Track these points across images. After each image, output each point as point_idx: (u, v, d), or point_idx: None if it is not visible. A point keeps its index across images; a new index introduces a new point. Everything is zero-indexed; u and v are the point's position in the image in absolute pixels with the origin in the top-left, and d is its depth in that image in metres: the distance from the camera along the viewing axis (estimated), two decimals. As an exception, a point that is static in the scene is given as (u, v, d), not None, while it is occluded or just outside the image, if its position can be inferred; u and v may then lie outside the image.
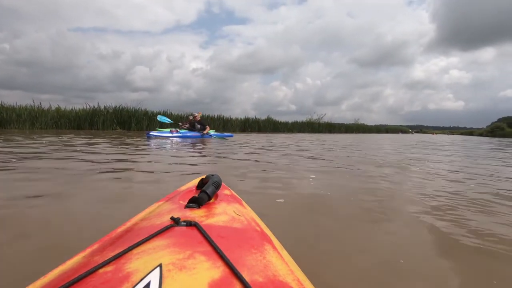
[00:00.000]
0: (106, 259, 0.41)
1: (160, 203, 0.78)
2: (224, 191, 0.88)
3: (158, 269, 0.37)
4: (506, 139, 23.20)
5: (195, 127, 9.09)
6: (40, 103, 13.46)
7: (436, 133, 61.42)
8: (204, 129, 9.13)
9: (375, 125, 47.07)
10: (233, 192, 0.92)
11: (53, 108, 13.80)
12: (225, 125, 19.52)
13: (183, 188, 0.94)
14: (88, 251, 0.50)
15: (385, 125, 55.78)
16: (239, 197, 0.88)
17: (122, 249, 0.44)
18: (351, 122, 35.98)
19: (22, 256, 1.01)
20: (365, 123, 40.89)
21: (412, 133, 53.05)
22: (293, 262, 0.51)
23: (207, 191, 0.71)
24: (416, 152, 6.57)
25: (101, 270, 0.39)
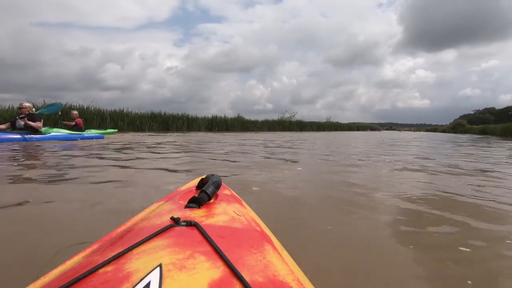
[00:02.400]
0: (106, 259, 0.41)
1: (160, 203, 0.78)
2: (224, 191, 0.89)
3: (158, 269, 0.37)
4: (466, 135, 24.56)
5: (17, 126, 5.92)
6: None
7: (403, 130, 64.66)
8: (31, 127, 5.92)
9: (347, 123, 49.31)
10: (233, 192, 0.92)
11: None
12: (190, 125, 19.09)
13: (183, 188, 0.94)
14: (88, 251, 0.50)
15: (357, 123, 58.02)
16: (239, 197, 0.88)
17: (122, 249, 0.44)
18: (324, 121, 37.44)
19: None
20: (339, 121, 42.90)
21: (380, 131, 55.78)
22: (293, 262, 0.52)
23: (207, 191, 0.71)
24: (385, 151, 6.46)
25: (101, 270, 0.39)
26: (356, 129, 47.70)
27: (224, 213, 0.65)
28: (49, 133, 6.54)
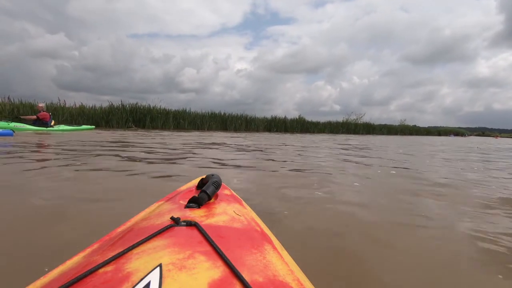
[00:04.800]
0: (106, 259, 0.41)
1: (160, 203, 0.78)
2: (224, 191, 0.89)
3: (158, 269, 0.37)
4: None
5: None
6: (64, 100, 13.84)
7: (499, 137, 50.82)
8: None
9: (426, 127, 42.29)
10: (233, 192, 0.92)
11: (77, 105, 14.10)
12: (248, 125, 19.41)
13: (183, 188, 0.94)
14: (88, 251, 0.50)
15: (438, 127, 49.83)
16: (239, 197, 0.88)
17: (122, 249, 0.44)
18: (397, 124, 32.61)
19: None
20: (417, 124, 37.28)
21: (466, 136, 46.35)
22: (293, 262, 0.52)
23: (207, 191, 0.71)
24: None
25: (101, 270, 0.39)
26: (438, 134, 40.93)
27: (224, 213, 0.65)
28: None
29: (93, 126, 11.60)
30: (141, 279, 0.35)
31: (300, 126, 22.02)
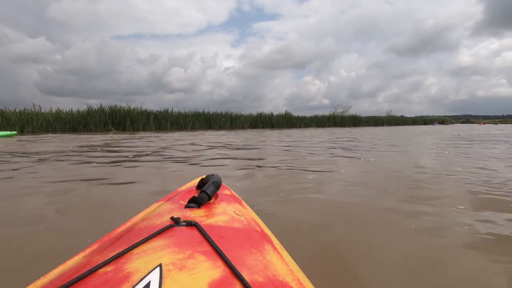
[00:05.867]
0: (106, 259, 0.41)
1: (160, 203, 0.78)
2: (224, 191, 0.89)
3: (158, 269, 0.37)
4: None
5: None
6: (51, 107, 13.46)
7: (483, 123, 50.50)
8: None
9: (413, 116, 43.51)
10: (233, 192, 0.92)
11: (53, 110, 13.68)
12: (233, 122, 19.12)
13: (183, 188, 0.94)
14: (88, 251, 0.50)
15: (424, 116, 51.28)
16: (239, 197, 0.88)
17: (122, 249, 0.44)
18: (384, 115, 33.13)
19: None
20: (404, 115, 37.99)
21: (448, 124, 48.03)
22: (293, 262, 0.51)
23: (207, 191, 0.71)
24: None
25: (101, 270, 0.39)
26: (423, 123, 41.94)
27: (224, 213, 0.65)
28: None
29: (15, 132, 10.40)
30: (141, 279, 0.35)
31: (286, 121, 22.04)
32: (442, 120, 52.13)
